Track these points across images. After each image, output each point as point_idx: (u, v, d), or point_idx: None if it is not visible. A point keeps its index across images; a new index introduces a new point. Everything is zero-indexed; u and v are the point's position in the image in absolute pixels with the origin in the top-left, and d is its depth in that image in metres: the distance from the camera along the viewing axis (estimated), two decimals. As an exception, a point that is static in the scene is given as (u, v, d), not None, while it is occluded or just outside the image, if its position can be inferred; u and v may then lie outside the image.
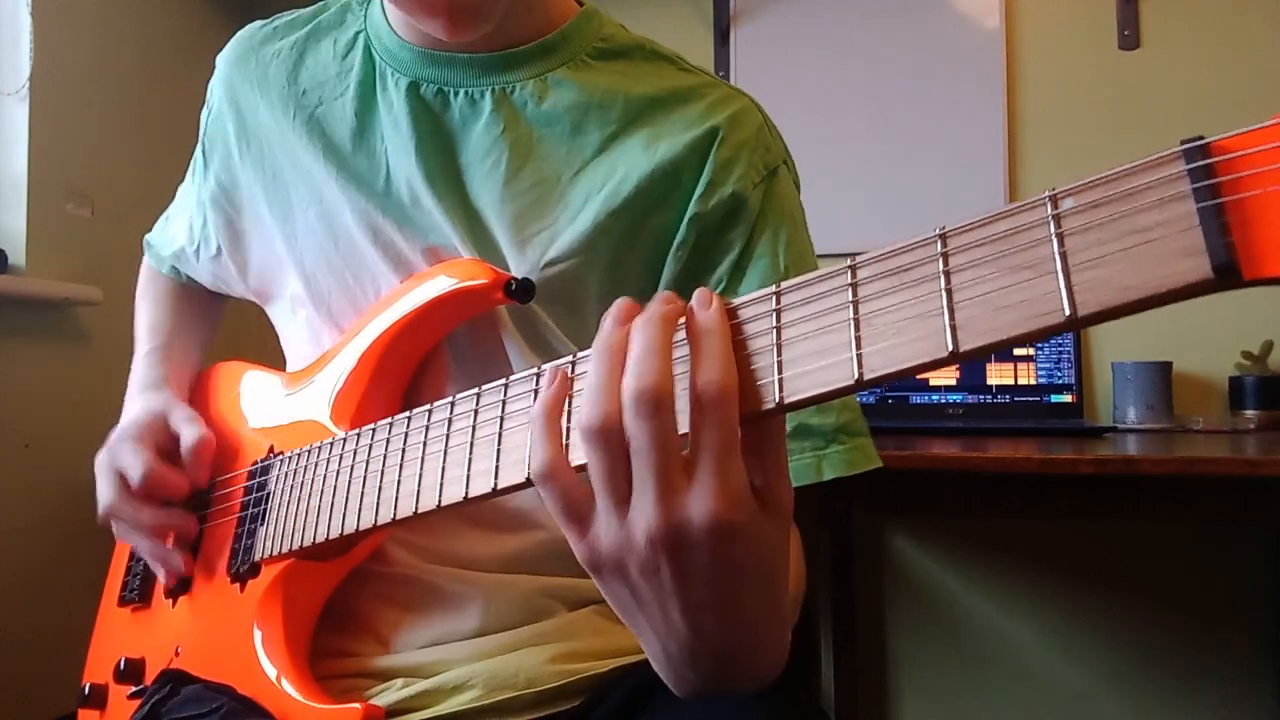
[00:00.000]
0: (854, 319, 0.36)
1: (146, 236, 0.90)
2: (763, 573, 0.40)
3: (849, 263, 0.37)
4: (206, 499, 0.72)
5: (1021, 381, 1.73)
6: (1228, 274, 0.28)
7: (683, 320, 0.40)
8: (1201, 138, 0.29)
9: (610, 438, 0.38)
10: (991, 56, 1.85)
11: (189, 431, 0.71)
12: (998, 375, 1.73)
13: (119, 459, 0.70)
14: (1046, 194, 0.32)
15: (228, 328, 0.94)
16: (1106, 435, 1.49)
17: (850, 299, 0.36)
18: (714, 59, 2.02)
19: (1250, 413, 1.58)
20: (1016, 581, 1.82)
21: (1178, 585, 1.72)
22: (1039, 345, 1.74)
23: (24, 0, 1.67)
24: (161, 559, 0.70)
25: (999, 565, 1.83)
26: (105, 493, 0.70)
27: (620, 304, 0.41)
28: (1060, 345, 1.73)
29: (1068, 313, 0.30)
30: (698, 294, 0.40)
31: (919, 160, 1.88)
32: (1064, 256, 0.31)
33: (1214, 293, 0.29)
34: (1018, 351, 1.74)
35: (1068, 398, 1.71)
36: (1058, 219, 0.31)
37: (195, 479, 0.70)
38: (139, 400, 0.76)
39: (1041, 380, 1.72)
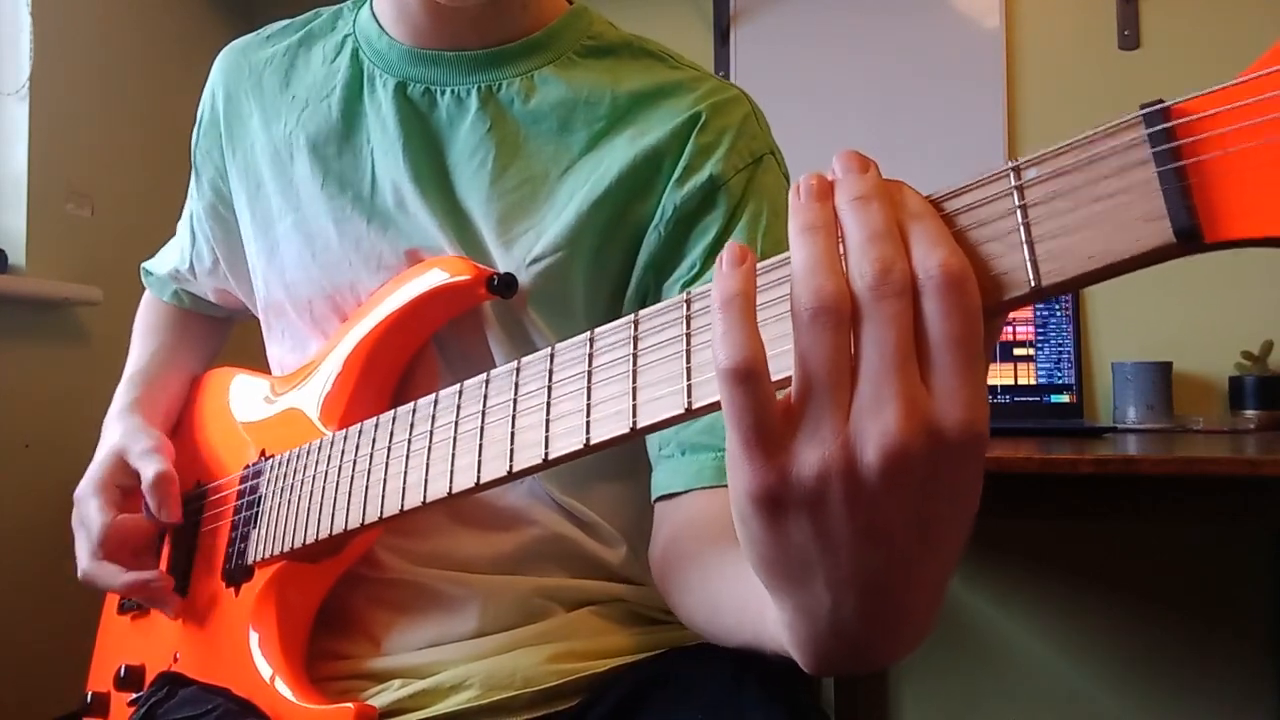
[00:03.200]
0: None
1: (143, 264, 0.90)
2: (971, 516, 0.33)
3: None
4: (201, 504, 0.72)
5: (1021, 381, 1.73)
6: (1190, 238, 0.28)
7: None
8: (1161, 100, 0.29)
9: (841, 320, 0.30)
10: (991, 56, 1.85)
11: (148, 469, 0.70)
12: (998, 375, 1.73)
13: (84, 517, 0.70)
14: (1010, 165, 0.32)
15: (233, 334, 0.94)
16: (1106, 435, 1.49)
17: None
18: (714, 59, 2.01)
19: (1250, 413, 1.58)
20: (1016, 581, 1.82)
21: (1178, 585, 1.72)
22: (1039, 345, 1.74)
23: (24, 0, 1.67)
24: (151, 604, 0.71)
25: (999, 565, 1.82)
26: (80, 554, 0.70)
27: (811, 179, 0.33)
28: (1060, 345, 1.73)
29: (1032, 283, 0.30)
30: (885, 181, 0.33)
31: (919, 160, 1.87)
32: (1027, 227, 0.31)
33: (1178, 257, 0.29)
34: (1018, 351, 1.74)
35: (1067, 398, 1.71)
36: (1021, 190, 0.31)
37: (163, 516, 0.69)
38: (106, 434, 0.76)
39: (1041, 380, 1.72)
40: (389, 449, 0.55)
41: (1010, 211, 0.31)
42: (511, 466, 0.45)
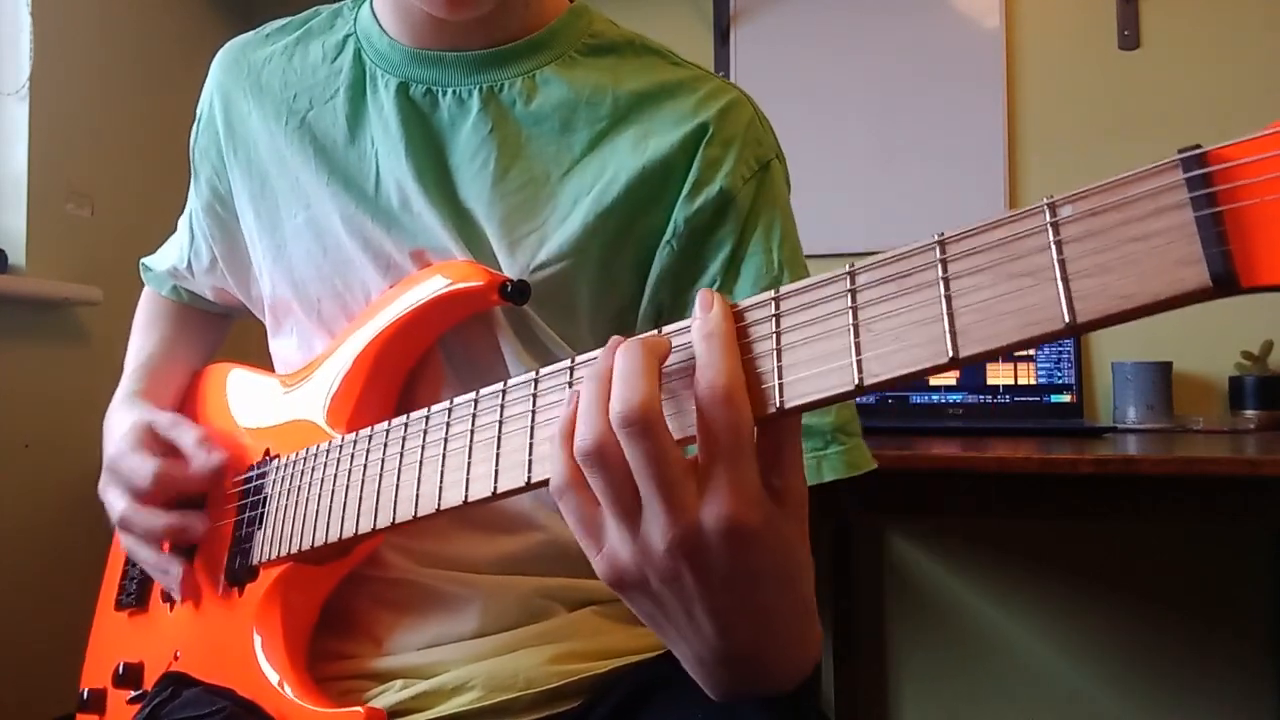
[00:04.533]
0: (854, 325, 0.36)
1: (142, 260, 0.90)
2: (786, 572, 0.41)
3: (848, 269, 0.37)
4: (202, 502, 0.72)
5: (1021, 381, 1.73)
6: (1225, 282, 0.28)
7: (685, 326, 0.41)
8: (1199, 146, 0.29)
9: (606, 458, 0.39)
10: (991, 56, 1.85)
11: (187, 433, 0.70)
12: (998, 375, 1.73)
13: (124, 470, 0.69)
14: (1045, 201, 0.32)
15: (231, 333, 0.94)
16: (1106, 435, 1.48)
17: (849, 305, 0.36)
18: (714, 59, 2.02)
19: (1250, 413, 1.58)
20: (1016, 581, 1.82)
21: (1178, 585, 1.72)
22: (1039, 345, 1.74)
23: (24, 0, 1.67)
24: (163, 570, 0.69)
25: (999, 565, 1.82)
26: (116, 504, 0.68)
27: (613, 339, 0.42)
28: (1060, 345, 1.73)
29: (1067, 320, 0.31)
30: (700, 296, 0.40)
31: (919, 160, 1.88)
32: (1063, 264, 0.31)
33: (1212, 300, 0.29)
34: (1017, 351, 1.74)
35: (1068, 398, 1.71)
36: (1056, 227, 0.31)
37: (212, 465, 0.68)
38: (118, 415, 0.75)
39: (1041, 380, 1.72)
40: (401, 455, 0.55)
41: (1045, 247, 0.32)
42: (530, 477, 0.45)
